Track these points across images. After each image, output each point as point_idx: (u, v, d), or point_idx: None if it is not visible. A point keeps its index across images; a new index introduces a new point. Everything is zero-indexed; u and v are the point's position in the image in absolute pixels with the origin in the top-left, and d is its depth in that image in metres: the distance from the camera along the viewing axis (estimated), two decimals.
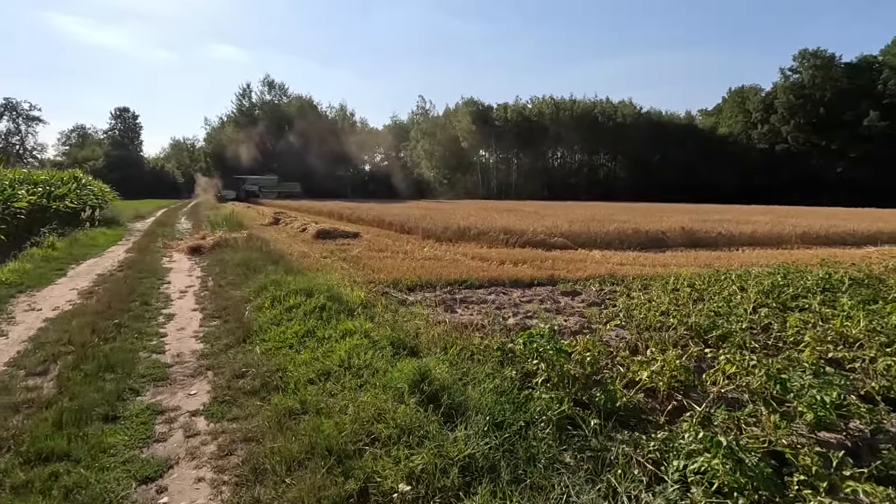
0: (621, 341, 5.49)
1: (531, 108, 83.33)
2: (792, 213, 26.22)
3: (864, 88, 65.42)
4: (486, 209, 26.49)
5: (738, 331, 5.18)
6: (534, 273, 9.41)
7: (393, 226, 18.60)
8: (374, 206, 28.00)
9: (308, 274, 8.24)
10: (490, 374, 4.01)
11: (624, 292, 7.82)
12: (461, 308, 7.14)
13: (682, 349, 5.07)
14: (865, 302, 6.31)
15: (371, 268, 9.75)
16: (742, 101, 79.11)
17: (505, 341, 4.83)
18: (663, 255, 12.80)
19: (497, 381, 3.88)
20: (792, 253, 13.48)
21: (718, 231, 15.49)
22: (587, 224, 16.37)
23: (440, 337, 5.02)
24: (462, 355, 4.49)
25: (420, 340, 5.01)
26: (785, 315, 5.95)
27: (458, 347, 4.72)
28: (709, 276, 8.05)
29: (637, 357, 4.80)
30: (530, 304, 7.42)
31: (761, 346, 5.06)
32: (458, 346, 4.79)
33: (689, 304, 6.48)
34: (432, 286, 8.44)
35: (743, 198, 59.76)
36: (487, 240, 14.43)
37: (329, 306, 6.05)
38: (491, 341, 4.98)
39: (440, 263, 10.40)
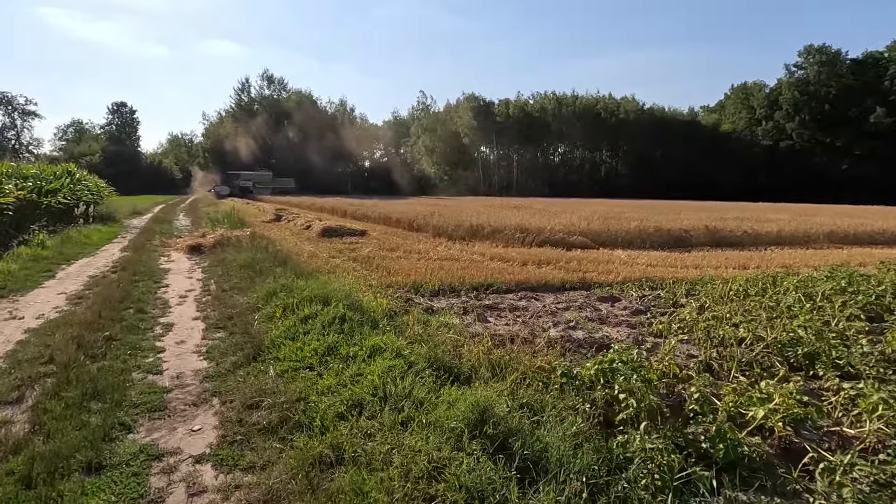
0: (690, 360, 4.77)
1: (533, 104, 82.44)
2: (811, 212, 25.51)
3: (870, 85, 64.67)
4: (493, 206, 25.74)
5: (830, 348, 4.45)
6: (563, 276, 8.68)
7: (401, 223, 17.85)
8: (379, 203, 27.22)
9: (320, 277, 7.49)
10: (562, 412, 3.28)
11: (669, 299, 7.10)
12: (493, 317, 6.41)
13: (764, 370, 4.36)
14: None
15: (386, 269, 9.01)
16: (746, 98, 78.33)
17: (567, 364, 4.08)
18: (691, 256, 12.08)
19: (573, 419, 3.15)
20: (825, 253, 12.77)
21: (744, 230, 14.78)
22: (605, 222, 15.64)
23: (485, 356, 4.29)
24: (519, 382, 3.76)
25: (462, 360, 4.28)
26: (878, 327, 5.22)
27: (511, 371, 3.99)
28: (761, 281, 7.32)
29: (722, 382, 4.09)
30: (568, 312, 6.69)
31: (870, 367, 4.31)
32: (510, 368, 4.06)
33: (760, 313, 5.73)
34: (456, 291, 7.71)
35: (746, 195, 59.06)
36: (502, 238, 13.69)
37: (350, 317, 5.31)
38: (545, 361, 4.25)
39: (459, 264, 9.66)
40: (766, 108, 73.62)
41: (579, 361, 4.66)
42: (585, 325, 6.07)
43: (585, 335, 5.64)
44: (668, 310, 6.65)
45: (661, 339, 5.62)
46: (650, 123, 79.62)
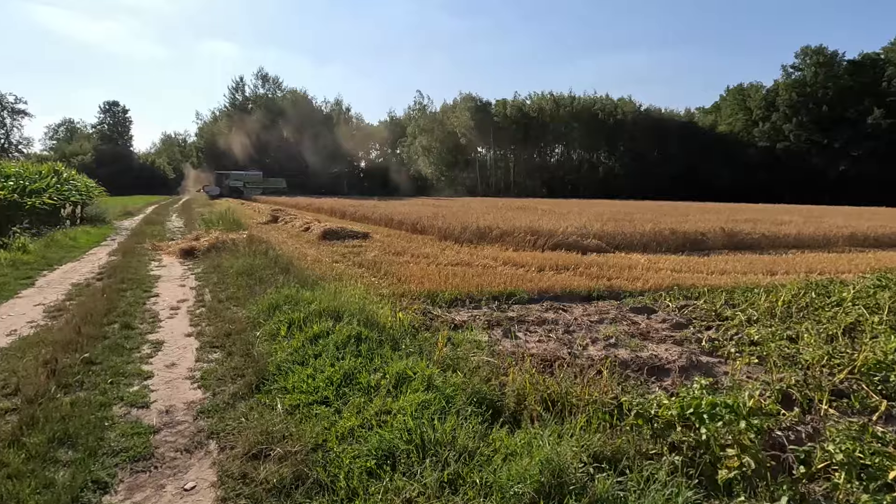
0: (763, 386, 4.13)
1: (530, 105, 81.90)
2: (818, 213, 25.07)
3: (867, 86, 64.58)
4: (497, 207, 25.11)
5: None
6: (588, 283, 8.05)
7: (403, 225, 17.18)
8: (379, 204, 26.53)
9: (327, 286, 6.81)
10: (643, 464, 2.63)
11: (710, 310, 6.47)
12: (523, 331, 5.76)
13: (859, 403, 3.73)
14: None
15: (396, 276, 8.35)
16: (743, 99, 78.17)
17: (636, 399, 3.43)
18: (711, 260, 11.48)
19: (664, 478, 2.50)
20: (850, 257, 12.22)
21: (761, 233, 14.23)
22: (617, 224, 15.04)
23: (532, 387, 3.63)
24: (585, 425, 3.10)
25: (506, 393, 3.63)
26: None
27: (568, 406, 3.34)
28: (811, 290, 6.71)
29: (811, 418, 3.46)
30: (603, 326, 6.06)
31: None
32: (565, 403, 3.41)
33: (828, 329, 5.11)
34: (475, 301, 7.06)
35: (743, 196, 58.85)
36: (512, 242, 13.05)
37: (366, 335, 4.64)
38: (603, 392, 3.60)
39: (472, 270, 9.02)
40: (763, 109, 73.43)
41: (634, 388, 4.03)
42: (627, 342, 5.43)
43: (630, 354, 5.01)
44: (713, 323, 6.04)
45: (715, 358, 5.00)
46: (647, 124, 79.30)
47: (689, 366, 4.72)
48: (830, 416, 3.60)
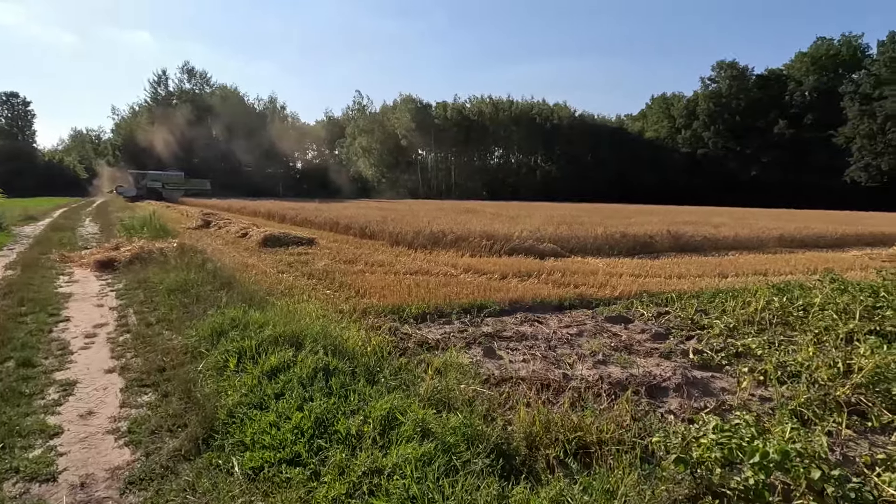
0: (763, 403, 3.90)
1: (470, 108, 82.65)
2: (745, 215, 26.82)
3: (773, 99, 70.87)
4: (444, 210, 24.70)
5: None
6: (557, 292, 7.74)
7: (351, 230, 16.29)
8: (321, 207, 25.27)
9: (278, 304, 6.00)
10: None
11: (686, 318, 6.33)
12: (503, 349, 5.29)
13: (873, 419, 3.57)
14: None
15: (353, 288, 7.63)
16: (667, 108, 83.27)
17: (663, 438, 3.02)
18: (664, 263, 11.66)
19: None
20: (786, 258, 12.90)
21: (703, 235, 14.79)
22: (570, 228, 15.07)
23: (541, 427, 3.14)
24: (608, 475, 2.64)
25: (513, 432, 3.11)
26: None
27: (592, 451, 2.88)
28: (777, 295, 6.76)
29: (834, 442, 3.22)
30: (584, 340, 5.72)
31: None
32: (583, 443, 2.95)
33: (827, 340, 5.03)
34: (445, 315, 6.51)
35: (670, 199, 62.69)
36: (468, 247, 12.64)
37: (335, 366, 3.96)
38: (621, 428, 3.18)
39: (435, 280, 8.47)
40: (685, 117, 78.57)
41: (644, 416, 3.65)
42: (614, 357, 5.10)
43: (623, 373, 4.67)
44: (693, 332, 5.87)
45: (707, 372, 4.77)
46: (582, 129, 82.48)
47: (685, 382, 4.45)
48: (848, 436, 3.40)
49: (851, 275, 10.25)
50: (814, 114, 65.46)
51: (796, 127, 66.72)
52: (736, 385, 4.50)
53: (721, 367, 4.85)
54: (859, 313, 5.56)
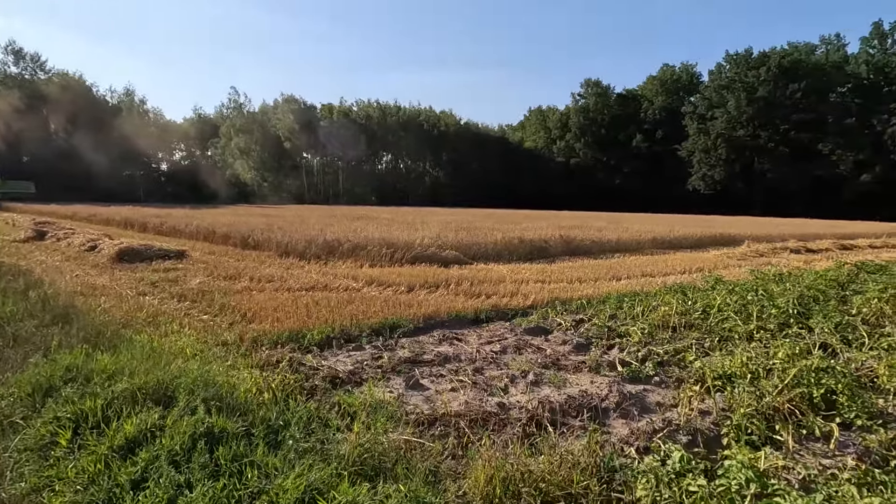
0: (704, 416, 3.76)
1: (357, 111, 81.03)
2: (620, 219, 29.33)
3: (631, 115, 79.87)
4: (336, 217, 23.33)
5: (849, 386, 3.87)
6: (471, 304, 7.31)
7: (230, 239, 14.43)
8: (192, 214, 22.34)
9: (138, 340, 4.71)
10: None
11: (601, 326, 6.25)
12: (427, 377, 4.65)
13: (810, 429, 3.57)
14: None
15: (238, 311, 6.44)
16: (543, 120, 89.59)
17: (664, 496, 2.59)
18: (562, 267, 11.96)
19: None
20: (664, 258, 14.04)
21: (591, 239, 15.62)
22: (470, 234, 14.94)
23: (498, 481, 2.56)
24: None
25: (468, 499, 2.48)
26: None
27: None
28: (677, 295, 7.01)
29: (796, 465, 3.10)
30: (509, 357, 5.31)
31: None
32: (541, 497, 2.43)
33: (741, 342, 5.12)
34: (353, 338, 5.68)
35: (548, 205, 67.40)
36: (367, 256, 11.79)
37: (222, 429, 2.99)
38: (588, 478, 2.72)
39: (336, 296, 7.55)
40: (559, 129, 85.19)
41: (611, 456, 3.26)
42: (546, 376, 4.74)
43: (559, 395, 4.31)
44: (613, 341, 5.77)
45: (639, 385, 4.60)
46: (467, 137, 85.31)
47: (622, 400, 4.21)
48: (795, 449, 3.33)
49: (723, 273, 11.37)
50: (663, 129, 74.85)
51: (650, 141, 75.77)
52: (669, 398, 4.39)
53: (649, 378, 4.72)
54: (756, 314, 5.89)
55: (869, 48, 61.26)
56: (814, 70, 62.22)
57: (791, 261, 14.37)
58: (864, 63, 59.97)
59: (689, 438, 3.47)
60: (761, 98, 62.50)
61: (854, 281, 8.84)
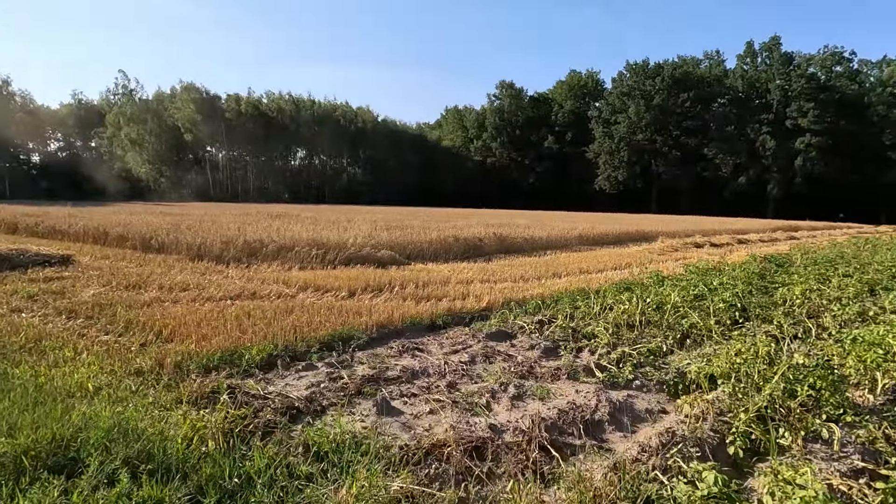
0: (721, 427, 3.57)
1: (268, 103, 76.37)
2: (542, 217, 30.17)
3: (543, 117, 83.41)
4: (251, 215, 21.45)
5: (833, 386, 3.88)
6: (425, 309, 6.76)
7: (127, 241, 12.53)
8: (76, 212, 19.29)
9: (13, 376, 3.61)
10: None
11: (564, 327, 6.01)
12: (397, 397, 4.06)
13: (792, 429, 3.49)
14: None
15: (150, 328, 5.36)
16: (460, 119, 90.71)
17: None
18: (502, 265, 11.79)
19: None
20: (594, 254, 14.44)
21: (524, 237, 15.70)
22: (403, 233, 14.33)
23: None
24: None
25: None
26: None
27: None
28: (627, 293, 7.00)
29: None
30: (480, 367, 4.87)
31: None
32: None
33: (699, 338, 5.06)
34: (300, 354, 4.91)
35: (465, 203, 68.42)
36: (296, 258, 10.79)
37: (157, 500, 2.21)
38: None
39: (270, 305, 6.65)
40: (476, 128, 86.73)
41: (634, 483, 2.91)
42: (527, 388, 4.36)
43: (548, 409, 3.94)
44: (581, 343, 5.54)
45: (623, 392, 4.37)
46: (385, 133, 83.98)
47: (614, 410, 3.93)
48: (802, 454, 3.22)
49: (650, 268, 11.86)
50: (572, 132, 79.03)
51: (560, 142, 79.65)
52: (655, 403, 4.19)
53: (629, 383, 4.51)
54: (714, 311, 5.98)
55: (743, 65, 69.17)
56: (699, 82, 69.11)
57: (702, 254, 15.51)
58: (739, 77, 67.61)
59: (698, 451, 3.24)
60: (657, 106, 68.14)
61: (767, 273, 9.55)
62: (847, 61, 64.49)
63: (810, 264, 10.53)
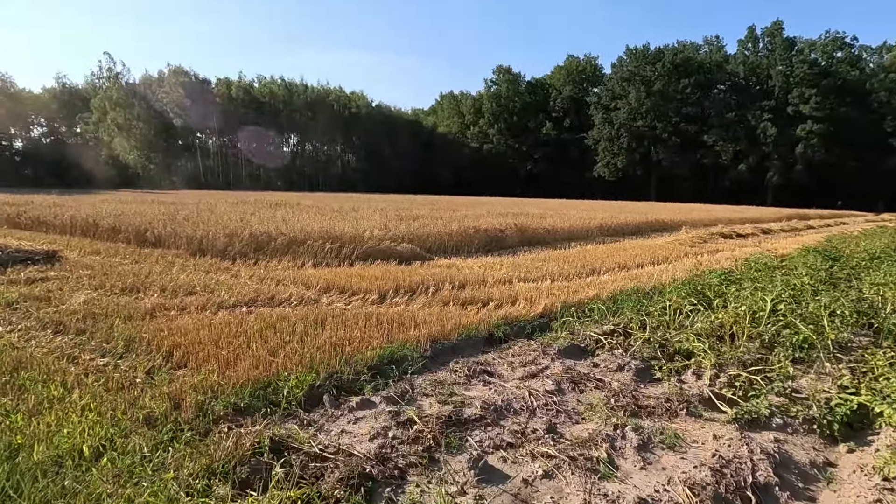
0: None
1: (259, 88, 74.25)
2: (554, 206, 29.15)
3: (540, 103, 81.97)
4: (249, 203, 20.25)
5: None
6: (476, 317, 5.80)
7: (120, 234, 11.39)
8: (62, 201, 17.98)
9: None
10: None
11: (649, 341, 5.09)
12: (491, 450, 3.11)
13: None
14: None
15: (154, 347, 4.39)
16: (457, 105, 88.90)
17: None
18: (530, 259, 10.85)
19: None
20: (620, 246, 13.55)
21: (545, 228, 14.75)
22: (422, 224, 13.30)
23: None
24: None
25: None
26: None
27: None
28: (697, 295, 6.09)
29: None
30: (570, 398, 3.94)
31: None
32: None
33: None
34: (348, 385, 3.95)
35: (461, 190, 67.19)
36: (308, 253, 9.77)
37: None
38: None
39: (293, 314, 5.66)
40: (473, 114, 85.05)
41: None
42: (648, 431, 3.43)
43: (696, 469, 3.02)
44: (676, 362, 4.62)
45: (764, 433, 3.45)
46: (380, 119, 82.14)
47: (776, 466, 3.02)
48: None
49: (690, 262, 10.99)
50: (570, 118, 77.81)
51: (559, 129, 78.38)
52: (811, 451, 3.29)
53: (769, 420, 3.60)
54: (820, 317, 5.08)
55: (744, 50, 68.13)
56: (699, 67, 68.02)
57: (734, 246, 14.68)
58: (741, 63, 66.60)
59: None
60: (657, 91, 67.04)
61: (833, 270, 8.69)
62: (849, 47, 63.68)
63: (872, 259, 9.69)
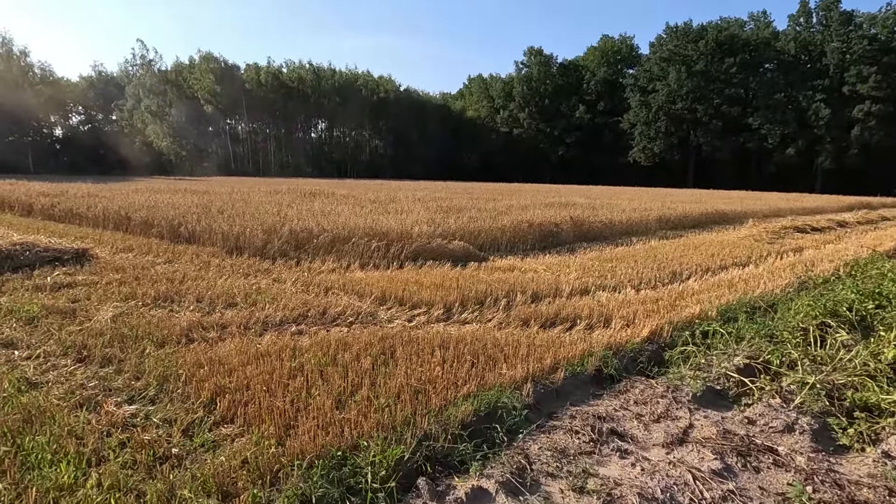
0: None
1: (288, 73, 73.81)
2: (596, 193, 27.65)
3: (573, 86, 79.04)
4: (282, 192, 19.52)
5: None
6: (575, 343, 4.76)
7: (152, 229, 10.74)
8: (96, 190, 17.62)
9: None
10: None
11: (808, 385, 3.97)
12: None
13: None
14: None
15: (192, 387, 3.50)
16: (486, 88, 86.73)
17: None
18: (593, 259, 9.70)
19: None
20: (689, 242, 12.21)
21: (601, 221, 13.49)
22: (470, 216, 12.25)
23: None
24: None
25: None
26: None
27: None
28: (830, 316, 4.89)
29: None
30: (749, 483, 2.88)
31: None
32: None
33: None
34: (443, 455, 2.98)
35: (491, 176, 65.64)
36: (353, 252, 8.87)
37: None
38: None
39: (354, 339, 4.75)
40: (502, 98, 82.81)
41: None
42: None
43: None
44: (860, 418, 3.50)
45: None
46: (408, 104, 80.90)
47: None
48: None
49: (774, 263, 9.65)
50: (604, 101, 74.85)
51: (592, 112, 75.55)
52: None
53: None
54: None
55: (796, 26, 63.81)
56: (744, 45, 64.09)
57: (815, 242, 13.15)
58: (791, 40, 62.42)
59: None
60: (699, 72, 63.62)
61: None
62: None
63: None
